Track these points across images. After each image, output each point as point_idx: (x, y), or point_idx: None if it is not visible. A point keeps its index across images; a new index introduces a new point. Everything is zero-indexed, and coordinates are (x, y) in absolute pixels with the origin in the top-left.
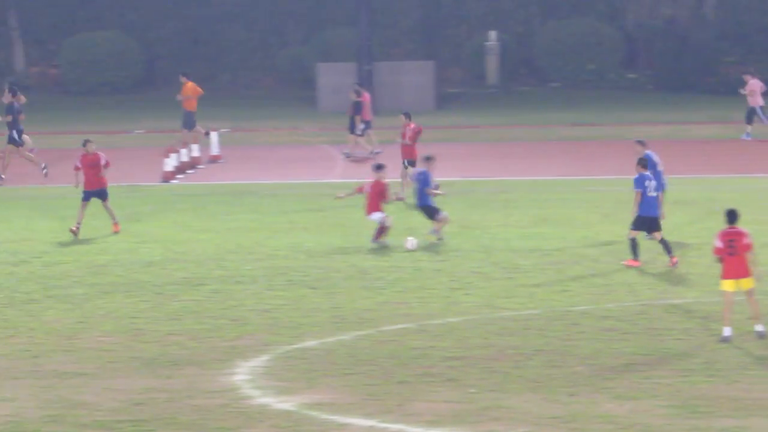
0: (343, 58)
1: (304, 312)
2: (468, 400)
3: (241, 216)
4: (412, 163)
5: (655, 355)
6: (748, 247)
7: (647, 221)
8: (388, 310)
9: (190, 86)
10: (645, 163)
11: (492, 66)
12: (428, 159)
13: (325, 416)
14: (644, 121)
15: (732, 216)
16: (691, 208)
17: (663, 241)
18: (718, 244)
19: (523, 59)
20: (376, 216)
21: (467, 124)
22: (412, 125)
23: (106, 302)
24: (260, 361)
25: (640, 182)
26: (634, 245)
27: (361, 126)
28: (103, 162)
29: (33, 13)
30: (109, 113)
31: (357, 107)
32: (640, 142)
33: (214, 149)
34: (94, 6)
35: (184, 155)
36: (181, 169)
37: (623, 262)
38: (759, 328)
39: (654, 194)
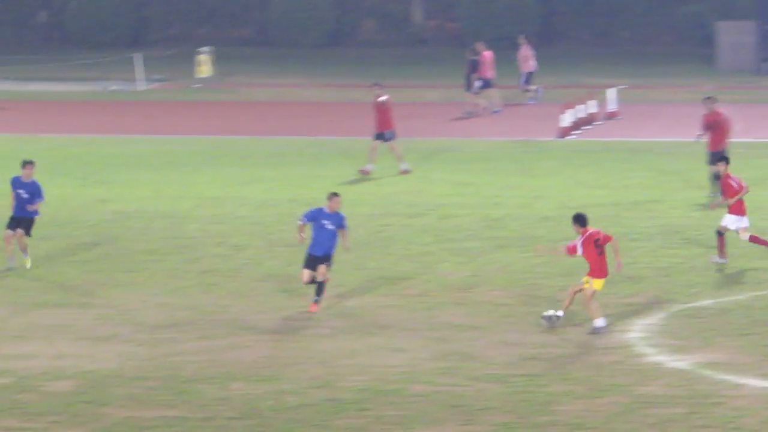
0: (744, 16)
1: (699, 271)
2: None
3: (636, 173)
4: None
5: None
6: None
7: None
8: None
9: None
10: None
11: None
12: None
13: (720, 376)
14: None
15: (584, 220)
16: None
17: None
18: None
19: None
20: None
21: None
22: None
23: (500, 256)
24: (655, 319)
25: None
26: None
27: (477, 83)
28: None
29: None
30: (506, 67)
31: (473, 65)
32: None
33: (612, 105)
34: None
35: (581, 111)
36: (578, 125)
37: None
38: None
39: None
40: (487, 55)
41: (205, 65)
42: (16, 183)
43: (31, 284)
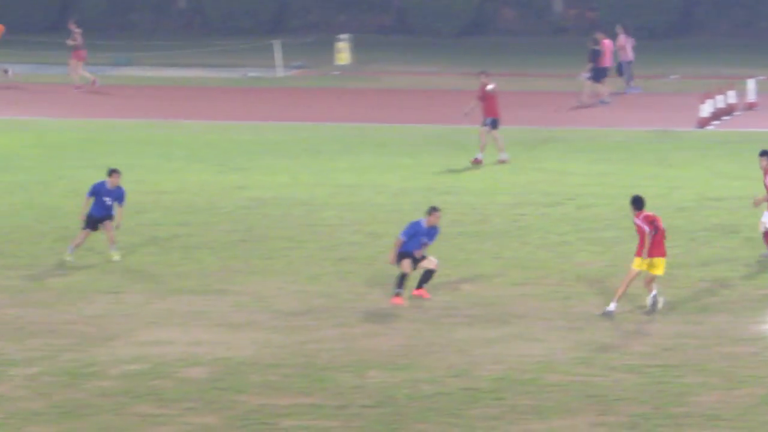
0: None
1: None
2: None
3: None
4: None
5: None
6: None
7: None
8: None
9: None
10: None
11: None
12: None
13: None
14: None
15: (641, 203)
16: None
17: None
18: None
19: None
20: None
21: None
22: None
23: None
24: None
25: None
26: None
27: (586, 74)
28: None
29: None
30: (645, 57)
31: (594, 54)
32: None
33: (751, 96)
34: None
35: (720, 102)
36: (717, 115)
37: None
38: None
39: None
40: (607, 44)
41: (344, 52)
42: (101, 190)
43: (168, 270)
